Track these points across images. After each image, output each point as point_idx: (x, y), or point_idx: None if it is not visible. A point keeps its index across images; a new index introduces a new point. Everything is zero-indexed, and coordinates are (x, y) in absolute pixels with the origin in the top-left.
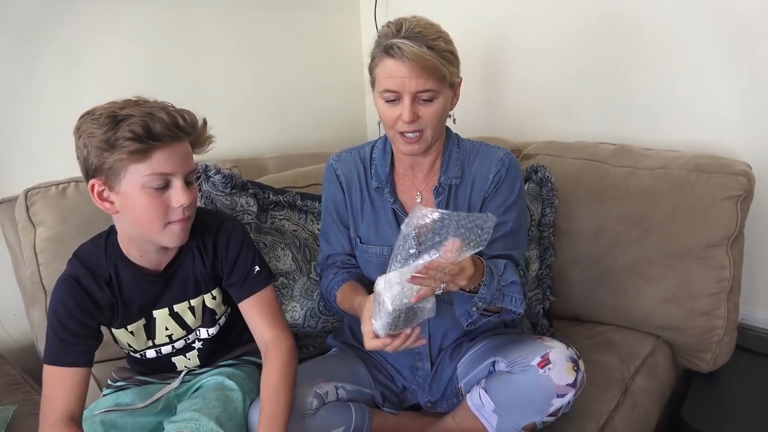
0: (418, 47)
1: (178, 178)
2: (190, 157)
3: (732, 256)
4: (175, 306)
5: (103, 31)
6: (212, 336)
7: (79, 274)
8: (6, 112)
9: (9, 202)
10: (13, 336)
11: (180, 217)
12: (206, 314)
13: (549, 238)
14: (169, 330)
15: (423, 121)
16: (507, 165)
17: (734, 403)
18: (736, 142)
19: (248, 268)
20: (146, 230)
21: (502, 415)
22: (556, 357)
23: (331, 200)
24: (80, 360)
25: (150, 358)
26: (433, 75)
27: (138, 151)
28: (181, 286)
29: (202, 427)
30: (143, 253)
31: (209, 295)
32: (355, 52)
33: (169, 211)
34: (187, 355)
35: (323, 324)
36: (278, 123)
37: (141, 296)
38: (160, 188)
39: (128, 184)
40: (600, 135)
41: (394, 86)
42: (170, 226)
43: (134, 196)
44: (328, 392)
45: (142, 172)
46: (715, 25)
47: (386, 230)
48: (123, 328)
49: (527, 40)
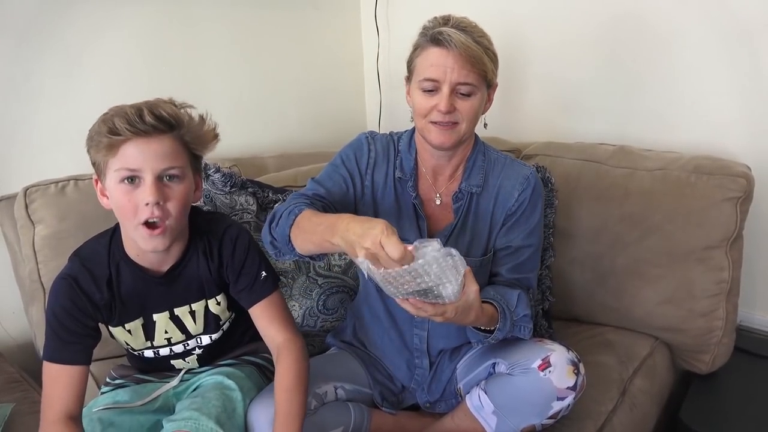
0: (465, 38)
1: (148, 173)
2: (171, 154)
3: (731, 258)
4: (176, 309)
5: (103, 31)
6: (214, 341)
7: (77, 273)
8: (6, 111)
9: (8, 200)
10: (11, 334)
11: (149, 216)
12: (209, 320)
13: (548, 238)
14: (168, 333)
15: (459, 113)
16: (533, 185)
17: (733, 404)
18: (736, 143)
19: (255, 274)
20: (125, 228)
21: (501, 417)
22: (556, 360)
23: (349, 161)
24: (78, 358)
25: (148, 357)
26: (476, 68)
27: (109, 146)
28: (184, 289)
29: (201, 427)
30: (140, 252)
31: (213, 301)
32: (355, 52)
33: (139, 209)
34: (186, 359)
35: (322, 323)
36: (278, 122)
37: (141, 296)
38: (132, 184)
39: (109, 179)
40: (600, 136)
41: (435, 75)
42: (141, 228)
43: (113, 191)
44: (327, 392)
45: (113, 166)
46: (716, 27)
47: (405, 223)
48: (120, 326)
49: (527, 42)
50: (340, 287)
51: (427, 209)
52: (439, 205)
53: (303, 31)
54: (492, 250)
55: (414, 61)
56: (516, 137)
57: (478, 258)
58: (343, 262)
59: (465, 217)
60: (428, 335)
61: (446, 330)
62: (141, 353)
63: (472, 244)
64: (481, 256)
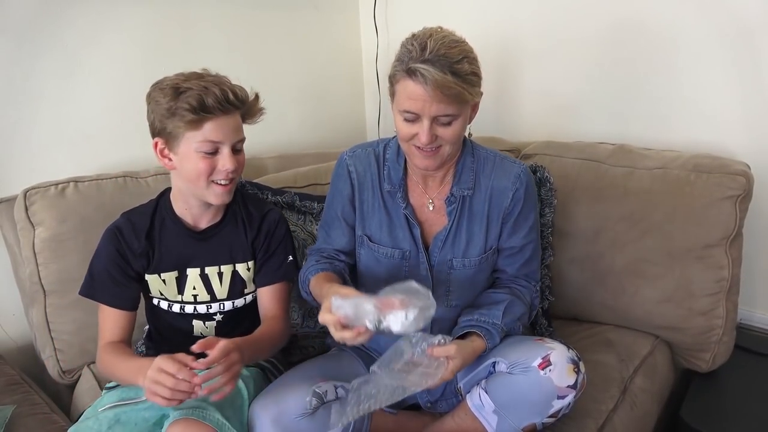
0: (441, 75)
1: (227, 145)
2: (240, 128)
3: (731, 256)
4: (207, 268)
5: (103, 31)
6: (236, 308)
7: (122, 225)
8: (5, 112)
9: (8, 202)
10: (12, 336)
11: (223, 179)
12: (236, 284)
13: (548, 237)
14: (195, 290)
15: (441, 138)
16: (525, 183)
17: (733, 402)
18: (735, 142)
19: (284, 256)
20: (195, 186)
21: (502, 416)
22: (557, 358)
23: (339, 197)
24: (115, 302)
25: (175, 312)
26: (454, 101)
27: (193, 121)
28: (217, 249)
29: (207, 416)
30: (189, 207)
31: (244, 265)
32: (355, 52)
33: (215, 172)
34: (206, 324)
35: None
36: (277, 123)
37: (178, 249)
38: (210, 153)
39: (184, 147)
40: (599, 135)
41: (414, 108)
42: (213, 185)
43: (188, 157)
44: (327, 391)
45: (196, 138)
46: (715, 26)
47: (398, 234)
48: (156, 274)
49: (527, 42)
50: None
51: (421, 215)
52: (432, 210)
53: (302, 32)
54: (491, 248)
55: (394, 86)
56: (515, 137)
57: (476, 258)
58: None
59: (459, 219)
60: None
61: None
62: (170, 306)
63: (468, 245)
64: (478, 256)
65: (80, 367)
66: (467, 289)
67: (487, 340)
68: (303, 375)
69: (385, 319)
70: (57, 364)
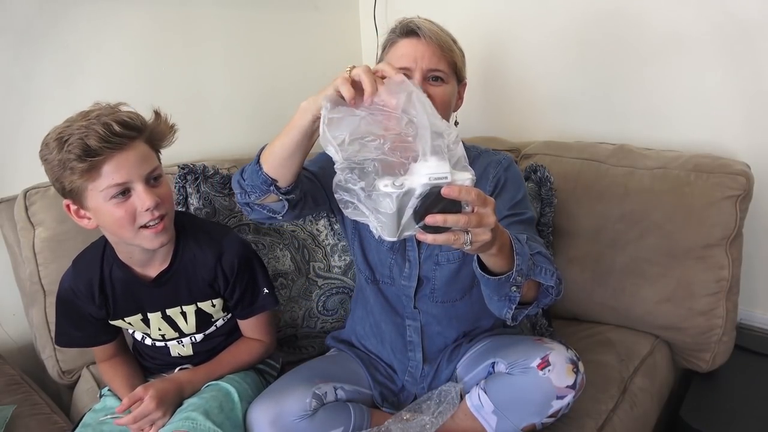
0: (437, 28)
1: (137, 182)
2: (148, 157)
3: (731, 256)
4: (168, 310)
5: (103, 31)
6: (207, 335)
7: (73, 285)
8: (5, 112)
9: (8, 202)
10: (12, 336)
11: (150, 220)
12: (202, 318)
13: (548, 237)
14: (161, 330)
15: (431, 99)
16: (505, 166)
17: (733, 402)
18: (735, 141)
19: (254, 294)
20: (123, 237)
21: (501, 416)
22: (556, 359)
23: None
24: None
25: (147, 344)
26: (447, 55)
27: (86, 170)
28: (174, 293)
29: (199, 427)
30: (131, 255)
31: (208, 303)
32: (355, 52)
33: (138, 216)
34: (183, 343)
35: (322, 324)
36: (277, 123)
37: (132, 297)
38: (122, 195)
39: (92, 201)
40: (599, 135)
41: (406, 63)
42: (142, 231)
43: (102, 210)
44: (327, 392)
45: (99, 187)
46: (715, 25)
47: None
48: (120, 319)
49: (527, 40)
50: (340, 288)
51: None
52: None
53: (302, 31)
54: None
55: (386, 53)
56: (515, 136)
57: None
58: (343, 263)
59: None
60: (421, 325)
61: (437, 318)
62: (143, 339)
63: None
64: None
65: (80, 368)
66: (452, 285)
67: (513, 241)
68: (302, 376)
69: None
70: (57, 364)
